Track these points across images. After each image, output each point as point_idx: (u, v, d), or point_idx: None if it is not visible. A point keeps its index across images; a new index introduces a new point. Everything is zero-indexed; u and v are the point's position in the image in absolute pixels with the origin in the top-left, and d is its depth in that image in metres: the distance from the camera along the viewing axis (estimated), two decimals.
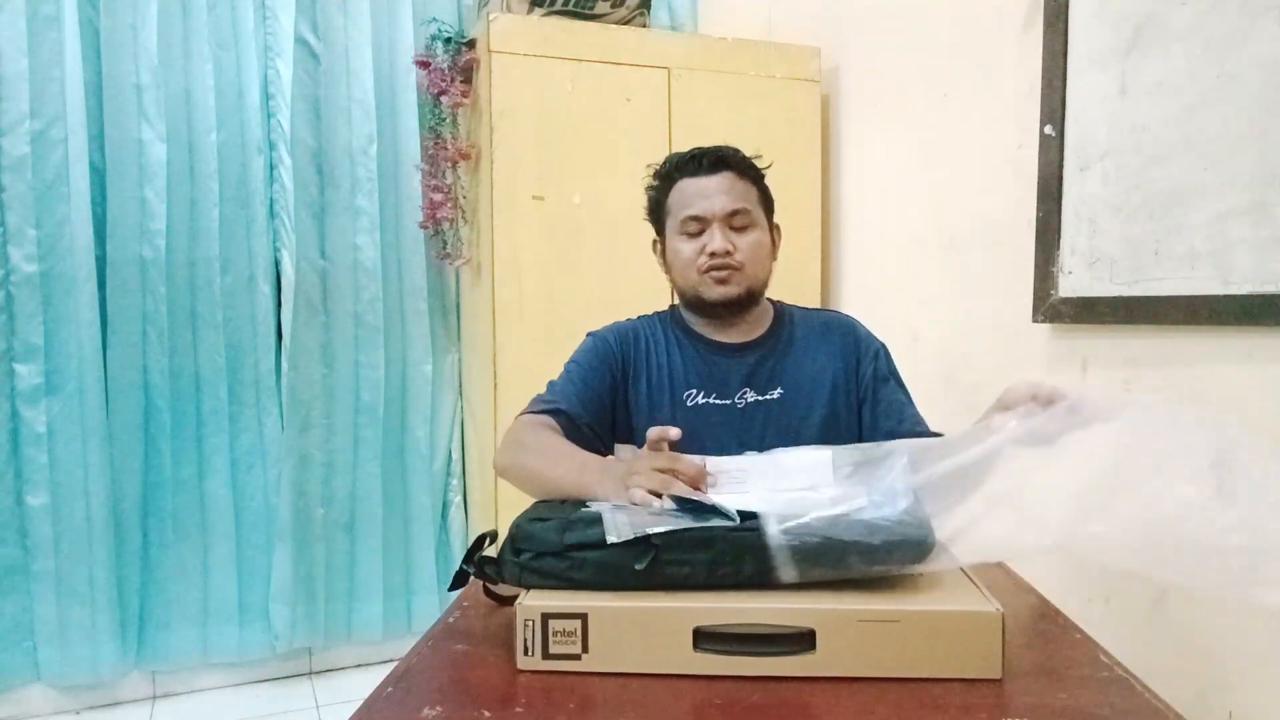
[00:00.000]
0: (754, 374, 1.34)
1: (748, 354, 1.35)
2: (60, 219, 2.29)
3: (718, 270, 1.29)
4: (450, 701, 0.81)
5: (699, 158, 1.32)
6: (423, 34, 2.54)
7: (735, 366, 1.34)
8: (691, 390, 1.32)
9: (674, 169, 1.35)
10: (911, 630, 0.83)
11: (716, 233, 1.29)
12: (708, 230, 1.30)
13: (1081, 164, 1.69)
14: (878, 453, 1.02)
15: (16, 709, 2.37)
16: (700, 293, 1.32)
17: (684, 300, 1.38)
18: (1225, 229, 1.44)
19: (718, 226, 1.29)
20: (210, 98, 2.41)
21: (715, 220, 1.29)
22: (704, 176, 1.31)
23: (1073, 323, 1.72)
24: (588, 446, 1.23)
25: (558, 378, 1.37)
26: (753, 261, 1.31)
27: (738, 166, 1.33)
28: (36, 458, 2.30)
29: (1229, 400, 1.47)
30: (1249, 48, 1.40)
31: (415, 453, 2.70)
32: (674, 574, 0.87)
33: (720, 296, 1.30)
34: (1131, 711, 0.79)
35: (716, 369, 1.34)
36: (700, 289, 1.31)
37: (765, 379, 1.33)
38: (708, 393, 1.32)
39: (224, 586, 2.52)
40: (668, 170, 1.36)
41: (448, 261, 2.56)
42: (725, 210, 1.29)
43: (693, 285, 1.32)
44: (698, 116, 2.37)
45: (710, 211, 1.29)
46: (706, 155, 1.32)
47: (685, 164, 1.33)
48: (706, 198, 1.30)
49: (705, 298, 1.31)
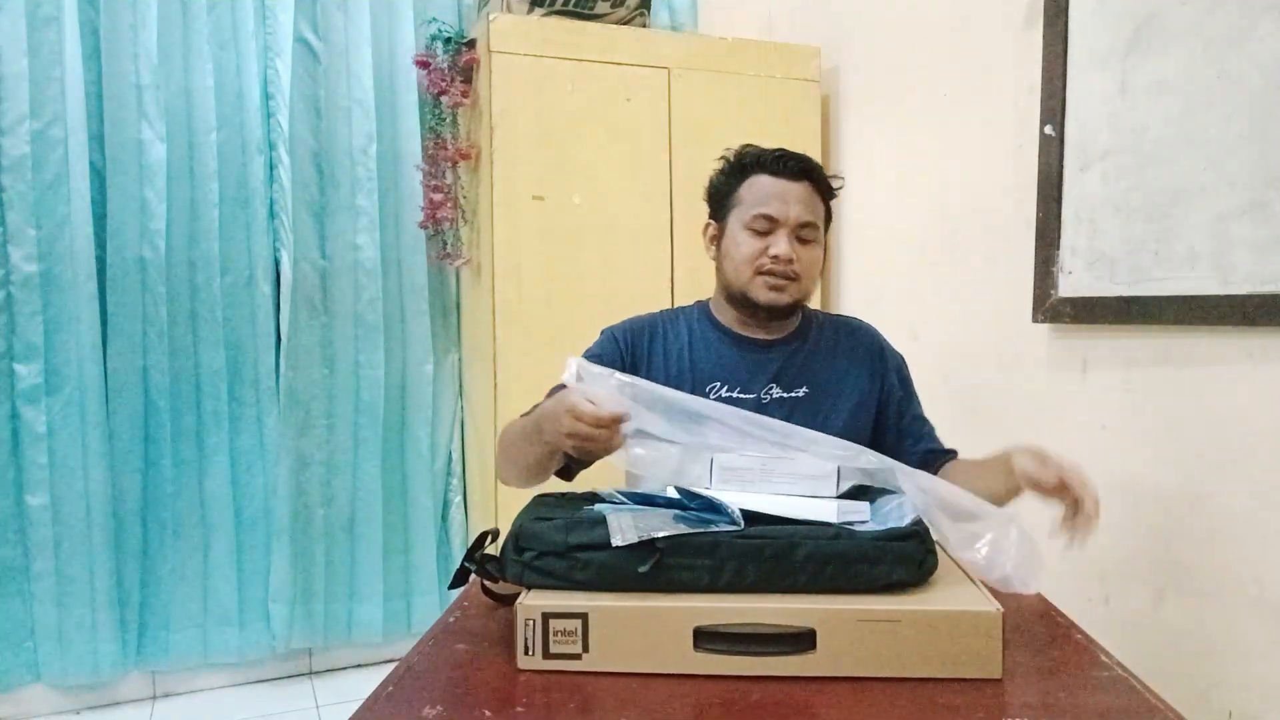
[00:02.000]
0: (781, 371, 1.34)
1: (776, 351, 1.35)
2: (60, 219, 2.29)
3: (775, 276, 1.28)
4: (451, 701, 0.81)
5: (785, 158, 1.31)
6: (423, 34, 2.54)
7: (762, 362, 1.34)
8: (716, 383, 1.33)
9: (755, 162, 1.33)
10: (911, 630, 0.83)
11: (784, 238, 1.28)
12: (775, 233, 1.28)
13: (1081, 164, 1.69)
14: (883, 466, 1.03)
15: (16, 709, 2.37)
16: (750, 292, 1.31)
17: (727, 293, 1.36)
18: (1225, 229, 1.44)
19: (786, 232, 1.28)
20: (210, 98, 2.41)
21: (786, 225, 1.28)
22: (785, 179, 1.30)
23: (1073, 323, 1.72)
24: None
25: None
26: (808, 276, 1.32)
27: (817, 180, 1.32)
28: (36, 458, 2.30)
29: (1229, 400, 1.48)
30: (1249, 48, 1.40)
31: (416, 453, 2.70)
32: (677, 578, 0.87)
33: (770, 302, 1.30)
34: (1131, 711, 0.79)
35: (744, 363, 1.34)
36: (751, 288, 1.30)
37: (791, 376, 1.34)
38: (732, 386, 1.32)
39: (224, 586, 2.52)
40: (748, 161, 1.34)
41: (448, 262, 2.56)
42: (798, 219, 1.29)
43: (744, 282, 1.31)
44: (698, 116, 2.37)
45: (784, 215, 1.28)
46: (792, 159, 1.31)
47: (770, 161, 1.31)
48: (784, 201, 1.29)
49: (754, 298, 1.30)
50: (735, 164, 1.35)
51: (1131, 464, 1.64)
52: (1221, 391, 1.49)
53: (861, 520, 0.99)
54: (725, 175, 1.37)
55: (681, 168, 2.36)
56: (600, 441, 1.03)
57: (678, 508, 0.98)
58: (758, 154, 1.33)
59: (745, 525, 0.91)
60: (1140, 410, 1.63)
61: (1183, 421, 1.55)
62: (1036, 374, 1.83)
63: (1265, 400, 1.42)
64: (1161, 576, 1.58)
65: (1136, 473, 1.63)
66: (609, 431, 1.01)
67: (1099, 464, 1.70)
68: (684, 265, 2.37)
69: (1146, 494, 1.62)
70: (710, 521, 0.92)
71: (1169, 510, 1.58)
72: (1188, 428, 1.55)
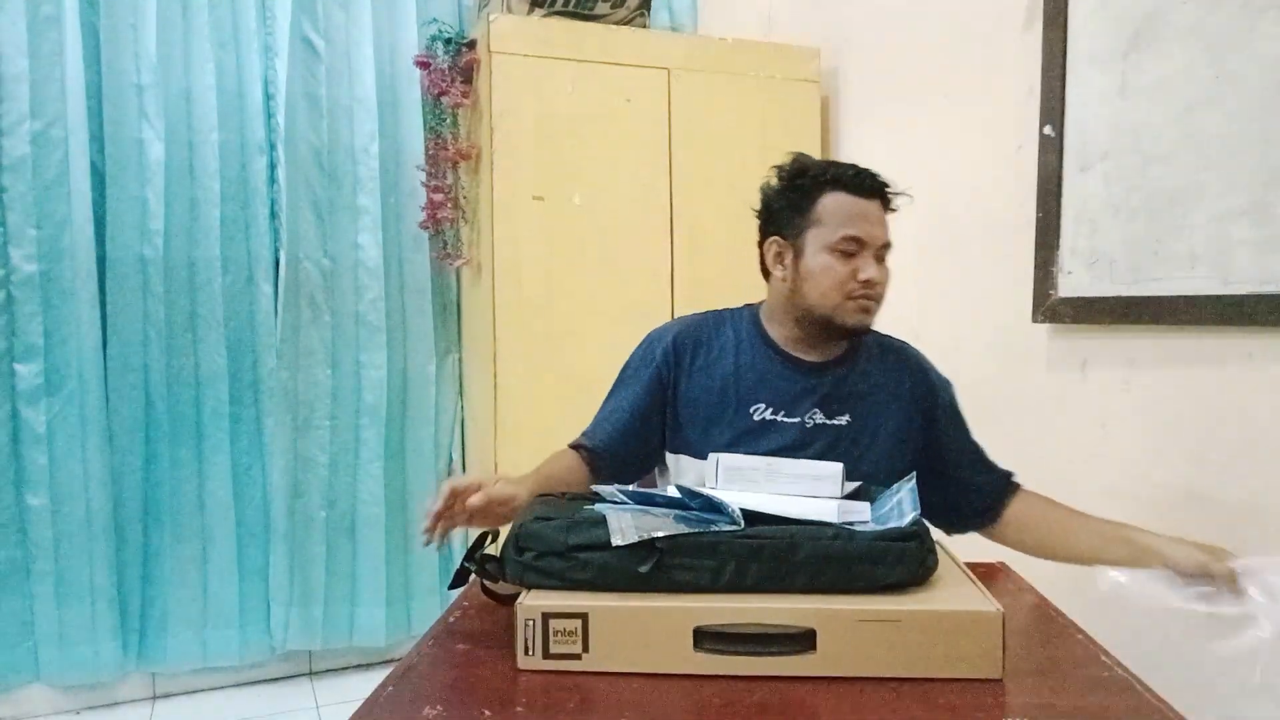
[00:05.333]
0: (826, 397, 1.29)
1: (824, 374, 1.30)
2: (60, 219, 2.29)
3: (865, 299, 1.24)
4: (451, 701, 0.81)
5: (864, 176, 1.25)
6: (424, 34, 2.54)
7: (810, 385, 1.29)
8: (760, 404, 1.28)
9: (830, 178, 1.25)
10: (912, 630, 0.83)
11: (872, 261, 1.23)
12: (861, 255, 1.23)
13: (1081, 164, 1.69)
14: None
15: (16, 709, 2.37)
16: (836, 316, 1.24)
17: (803, 314, 1.28)
18: (1225, 229, 1.44)
19: (872, 254, 1.24)
20: (211, 97, 2.41)
21: (872, 247, 1.24)
22: (865, 199, 1.24)
23: (1073, 323, 1.72)
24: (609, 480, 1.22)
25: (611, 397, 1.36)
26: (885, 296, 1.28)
27: (889, 200, 1.28)
28: (36, 458, 2.30)
29: (1229, 400, 1.47)
30: (1249, 48, 1.40)
31: (417, 453, 2.69)
32: (677, 579, 0.87)
33: (858, 324, 1.25)
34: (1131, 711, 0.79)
35: (791, 386, 1.29)
36: (839, 312, 1.24)
37: (835, 403, 1.29)
38: (776, 409, 1.28)
39: (224, 587, 2.52)
40: (821, 177, 1.26)
41: (448, 262, 2.56)
42: (882, 240, 1.25)
43: (831, 306, 1.24)
44: (698, 117, 2.37)
45: (872, 237, 1.23)
46: (869, 175, 1.25)
47: (849, 178, 1.24)
48: (870, 222, 1.24)
49: (841, 322, 1.25)
50: (807, 179, 1.27)
51: (1131, 464, 1.64)
52: (1221, 391, 1.48)
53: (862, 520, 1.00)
54: (794, 192, 1.28)
55: (681, 168, 2.36)
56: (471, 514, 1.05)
57: (678, 507, 0.98)
58: (833, 170, 1.26)
59: (746, 525, 0.91)
60: (1140, 410, 1.63)
61: (1183, 421, 1.55)
62: (1036, 374, 1.83)
63: (1265, 400, 1.42)
64: None
65: (1136, 473, 1.63)
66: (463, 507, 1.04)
67: (1099, 464, 1.70)
68: (684, 265, 2.37)
69: (1146, 494, 1.62)
70: (710, 521, 0.92)
71: (1169, 510, 1.58)
72: (1188, 428, 1.55)
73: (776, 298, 1.32)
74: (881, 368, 1.34)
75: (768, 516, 0.93)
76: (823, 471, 1.05)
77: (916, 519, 0.94)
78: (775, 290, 1.32)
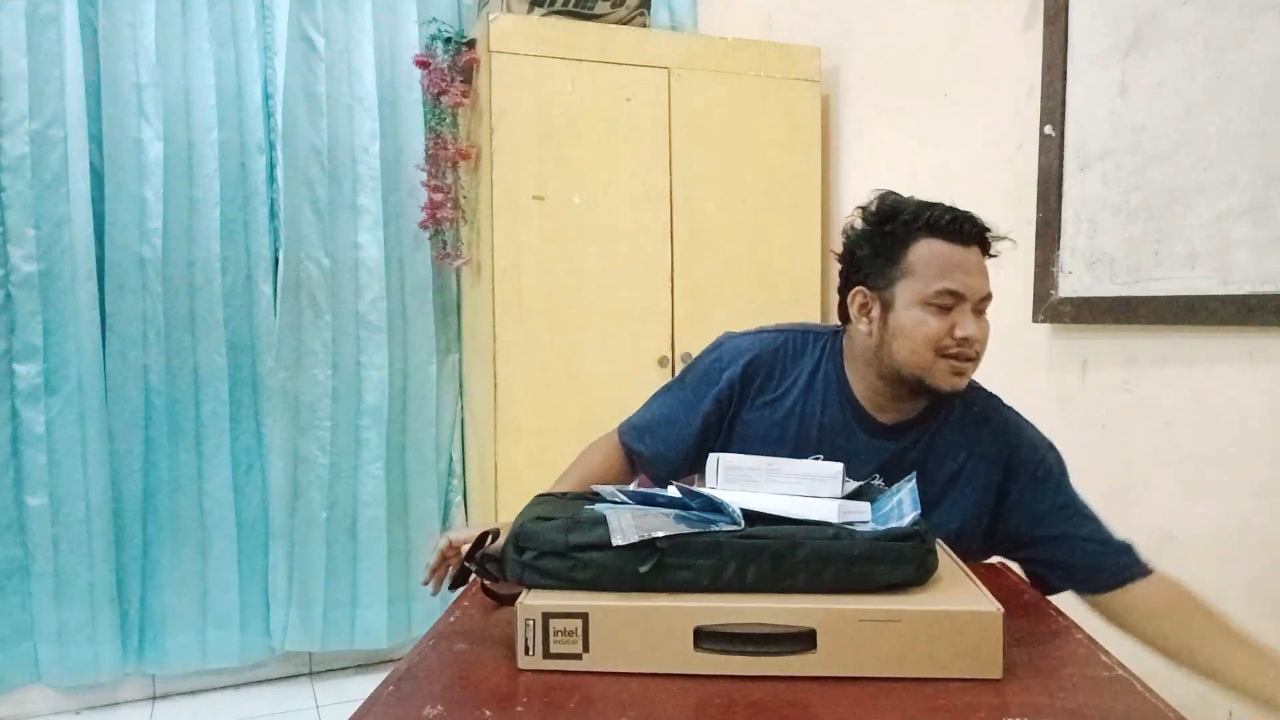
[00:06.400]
0: (891, 464, 1.19)
1: (894, 439, 1.20)
2: (60, 219, 2.29)
3: (960, 360, 1.13)
4: (451, 701, 0.81)
5: (960, 220, 1.13)
6: (424, 33, 2.54)
7: (876, 448, 1.20)
8: (820, 456, 1.19)
9: (925, 224, 1.13)
10: (912, 630, 0.83)
11: (972, 318, 1.12)
12: (959, 309, 1.12)
13: (1081, 164, 1.69)
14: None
15: (16, 709, 2.37)
16: (928, 378, 1.13)
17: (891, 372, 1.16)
18: (1225, 229, 1.44)
19: (971, 309, 1.12)
20: (210, 96, 2.41)
21: (972, 301, 1.12)
22: (964, 246, 1.13)
23: (1073, 323, 1.72)
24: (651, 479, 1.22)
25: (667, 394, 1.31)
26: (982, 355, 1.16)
27: (986, 245, 1.16)
28: (36, 458, 2.30)
29: (1229, 400, 1.48)
30: (1249, 48, 1.41)
31: (418, 454, 2.69)
32: (678, 578, 0.87)
33: (953, 387, 1.14)
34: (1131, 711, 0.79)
35: (855, 444, 1.20)
36: (931, 374, 1.13)
37: (901, 472, 1.16)
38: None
39: (224, 588, 2.51)
40: (915, 222, 1.13)
41: (448, 262, 2.56)
42: (983, 293, 1.13)
43: (924, 365, 1.13)
44: (698, 116, 2.37)
45: (972, 291, 1.12)
46: (966, 220, 1.13)
47: (945, 224, 1.12)
48: (969, 274, 1.12)
49: (934, 384, 1.13)
50: (898, 224, 1.14)
51: (1132, 464, 1.64)
52: (1221, 391, 1.49)
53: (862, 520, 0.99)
54: (882, 238, 1.16)
55: (681, 168, 2.36)
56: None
57: (678, 507, 0.98)
58: (928, 214, 1.13)
59: (746, 525, 0.91)
60: (1140, 410, 1.63)
61: (1183, 421, 1.55)
62: (1036, 374, 1.83)
63: (1265, 400, 1.42)
64: None
65: (1136, 473, 1.63)
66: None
67: (1099, 464, 1.70)
68: (684, 265, 2.37)
69: (1146, 494, 1.62)
70: (711, 521, 0.92)
71: (1169, 510, 1.58)
72: (1188, 428, 1.55)
73: (860, 349, 1.20)
74: (961, 438, 1.21)
75: (768, 516, 0.93)
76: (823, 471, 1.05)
77: (917, 519, 0.94)
78: (859, 341, 1.20)
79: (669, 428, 1.29)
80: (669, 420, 1.29)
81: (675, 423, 1.28)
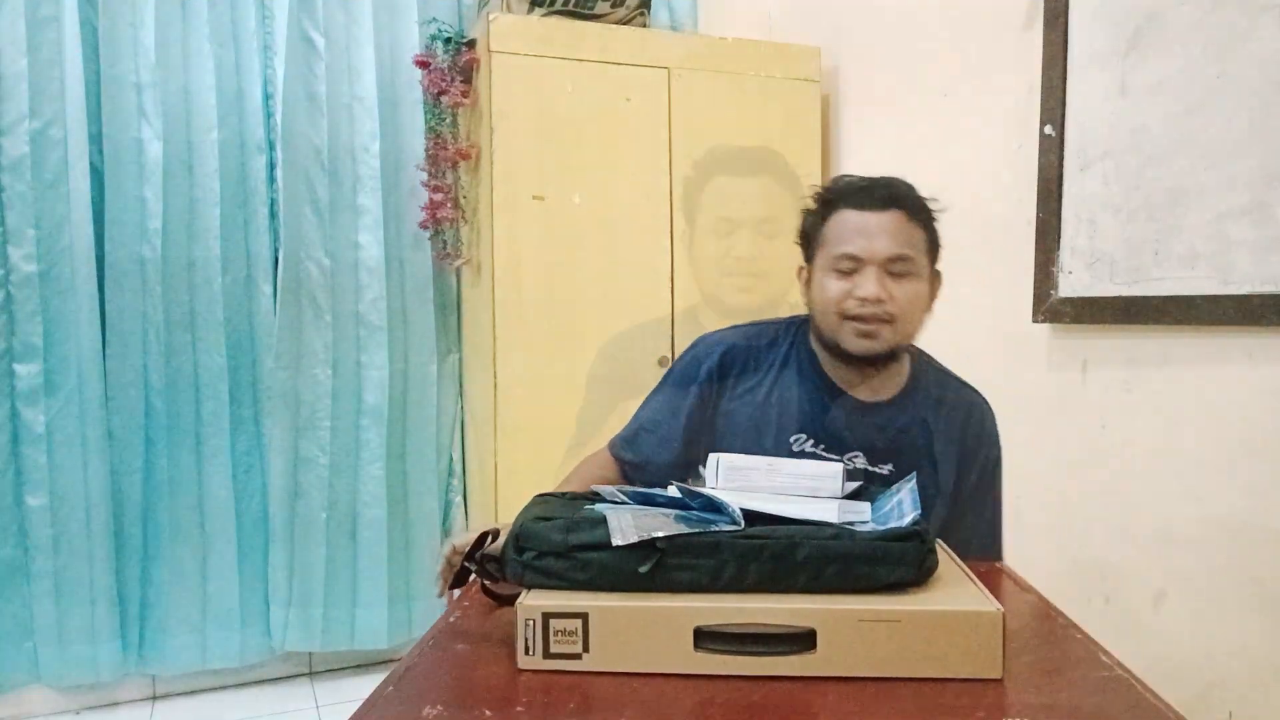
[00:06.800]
0: (872, 441, 1.23)
1: (872, 416, 1.24)
2: (60, 219, 2.29)
3: (864, 321, 1.16)
4: (451, 701, 0.81)
5: (869, 189, 1.18)
6: (424, 33, 2.54)
7: (856, 426, 1.23)
8: (801, 435, 1.23)
9: (838, 196, 1.20)
10: (912, 630, 0.83)
11: (871, 277, 1.15)
12: (861, 272, 1.16)
13: (1081, 164, 1.69)
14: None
15: (16, 709, 2.37)
16: (840, 341, 1.19)
17: (820, 342, 1.24)
18: (1225, 229, 1.44)
19: (874, 270, 1.15)
20: (210, 96, 2.41)
21: (873, 263, 1.15)
22: (871, 211, 1.17)
23: (1073, 323, 1.72)
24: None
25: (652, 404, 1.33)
26: (906, 315, 1.18)
27: (910, 206, 1.18)
28: (36, 458, 2.30)
29: (1229, 400, 1.47)
30: (1249, 48, 1.41)
31: (419, 454, 2.68)
32: (678, 579, 0.87)
33: (862, 351, 1.18)
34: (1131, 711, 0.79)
35: (835, 422, 1.23)
36: (839, 336, 1.19)
37: (880, 451, 1.22)
38: (818, 442, 1.23)
39: (224, 588, 2.51)
40: (831, 196, 1.21)
41: (447, 262, 2.56)
42: (886, 254, 1.15)
43: (831, 330, 1.19)
44: (698, 116, 2.37)
45: (869, 252, 1.15)
46: (878, 188, 1.18)
47: (853, 193, 1.19)
48: (867, 236, 1.16)
49: (845, 348, 1.19)
50: (821, 200, 1.23)
51: (1132, 464, 1.64)
52: (1221, 391, 1.49)
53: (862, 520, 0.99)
54: (812, 214, 1.24)
55: (681, 168, 2.36)
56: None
57: (678, 507, 0.98)
58: (843, 186, 1.21)
59: (746, 525, 0.91)
60: (1140, 410, 1.63)
61: (1183, 421, 1.55)
62: (1036, 374, 1.83)
63: (1265, 400, 1.42)
64: (1161, 576, 1.58)
65: (1137, 473, 1.63)
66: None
67: (1099, 464, 1.70)
68: (684, 265, 2.37)
69: (1146, 494, 1.62)
70: (711, 521, 0.92)
71: (1169, 510, 1.58)
72: (1188, 428, 1.55)
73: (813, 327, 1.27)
74: (938, 408, 1.26)
75: (768, 516, 0.93)
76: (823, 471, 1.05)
77: (917, 519, 0.94)
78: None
79: (656, 432, 1.31)
80: (654, 425, 1.31)
81: (661, 426, 1.30)
